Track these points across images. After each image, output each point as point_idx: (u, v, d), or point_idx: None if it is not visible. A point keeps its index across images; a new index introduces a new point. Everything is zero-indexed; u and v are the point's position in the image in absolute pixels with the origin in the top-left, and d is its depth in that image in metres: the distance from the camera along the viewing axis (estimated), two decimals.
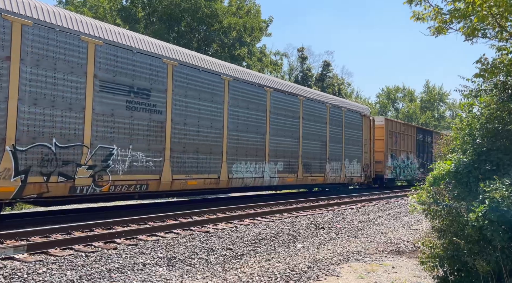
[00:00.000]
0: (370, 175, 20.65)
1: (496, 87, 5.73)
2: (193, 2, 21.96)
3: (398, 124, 24.20)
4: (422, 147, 26.45)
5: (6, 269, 5.36)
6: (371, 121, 21.04)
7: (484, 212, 4.42)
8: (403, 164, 24.14)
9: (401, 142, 23.87)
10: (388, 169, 22.39)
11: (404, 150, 24.14)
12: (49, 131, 8.33)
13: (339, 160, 18.18)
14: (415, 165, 25.39)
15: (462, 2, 5.51)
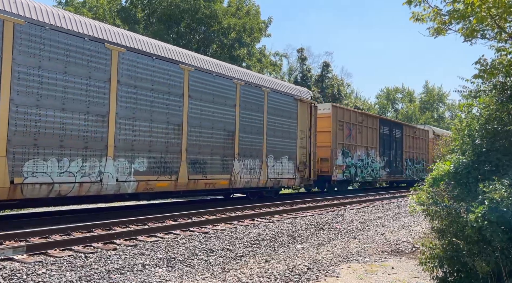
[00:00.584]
0: (310, 176, 16.07)
1: (495, 88, 5.73)
2: (192, 3, 21.98)
3: (353, 114, 19.99)
4: (388, 142, 22.85)
5: (6, 270, 5.36)
6: (311, 108, 16.27)
7: (484, 212, 4.42)
8: (361, 163, 20.03)
9: (358, 135, 19.83)
10: (338, 168, 18.19)
11: (362, 145, 20.20)
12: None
13: (258, 156, 13.69)
14: (379, 163, 21.63)
15: (461, 3, 5.52)
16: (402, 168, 24.05)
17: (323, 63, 39.57)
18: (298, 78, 38.28)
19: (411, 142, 25.82)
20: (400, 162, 24.13)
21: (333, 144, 18.05)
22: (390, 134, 23.11)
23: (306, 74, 37.81)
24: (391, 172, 23.07)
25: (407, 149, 25.12)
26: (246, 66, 24.90)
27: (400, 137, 24.36)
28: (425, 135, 27.97)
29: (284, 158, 14.90)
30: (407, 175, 24.46)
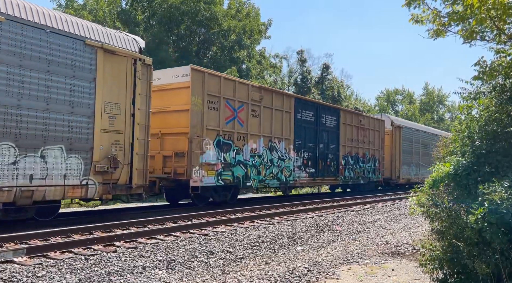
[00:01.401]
0: (130, 181, 9.80)
1: (495, 90, 5.74)
2: (192, 5, 22.02)
3: (242, 87, 13.42)
4: (312, 132, 16.67)
5: (6, 272, 5.35)
6: (135, 67, 9.91)
7: (483, 214, 4.43)
8: (258, 160, 13.91)
9: (253, 119, 13.69)
10: (206, 167, 11.96)
11: (260, 134, 13.94)
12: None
13: None
14: (293, 161, 15.46)
15: (460, 5, 5.53)
16: (337, 168, 18.35)
17: (323, 65, 39.56)
18: (298, 80, 38.30)
19: (355, 133, 19.73)
20: (335, 160, 18.16)
21: (194, 129, 11.64)
22: (316, 121, 16.85)
23: (306, 76, 37.81)
24: (316, 173, 16.81)
25: (346, 142, 18.97)
26: (246, 68, 24.93)
27: (335, 127, 18.20)
28: (379, 126, 22.01)
29: (55, 148, 8.43)
30: (345, 177, 18.93)
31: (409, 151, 25.14)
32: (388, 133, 23.49)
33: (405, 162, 24.65)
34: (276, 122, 14.82)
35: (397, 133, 23.94)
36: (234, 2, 25.85)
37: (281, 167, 14.95)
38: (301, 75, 38.28)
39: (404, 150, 24.51)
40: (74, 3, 23.68)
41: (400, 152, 23.96)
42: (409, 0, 5.95)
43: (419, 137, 26.58)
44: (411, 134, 25.55)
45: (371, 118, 21.77)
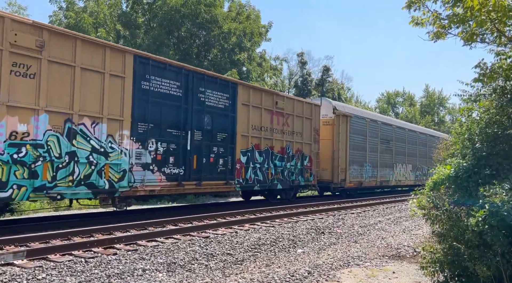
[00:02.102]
0: None
1: (495, 92, 5.75)
2: (193, 8, 22.05)
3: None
4: (179, 113, 11.12)
5: (6, 275, 5.35)
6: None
7: (484, 216, 4.42)
8: (34, 153, 7.99)
9: (20, 80, 7.80)
10: None
11: (40, 107, 8.08)
12: None
13: None
14: (129, 154, 9.80)
15: (460, 7, 5.54)
16: (231, 167, 12.56)
17: (323, 67, 39.65)
18: (298, 82, 38.36)
19: (267, 119, 14.06)
20: (228, 156, 12.47)
21: None
22: (186, 97, 11.21)
23: (306, 79, 37.87)
24: (185, 175, 11.12)
25: (250, 131, 13.31)
26: (246, 70, 24.97)
27: (228, 108, 12.54)
28: (312, 112, 16.45)
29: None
30: (246, 180, 13.14)
31: (361, 147, 19.78)
32: (328, 123, 17.93)
33: (356, 161, 19.18)
34: (87, 90, 8.91)
35: (342, 123, 18.15)
36: (234, 4, 25.90)
37: (98, 165, 9.09)
38: (302, 78, 38.34)
39: (354, 145, 19.08)
40: (74, 6, 23.74)
41: (347, 148, 18.36)
42: (409, 3, 5.96)
43: (377, 130, 21.29)
44: (364, 126, 20.11)
45: (296, 101, 15.81)
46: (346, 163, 18.36)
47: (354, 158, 19.10)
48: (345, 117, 18.56)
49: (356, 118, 19.57)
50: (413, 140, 25.89)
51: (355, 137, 19.34)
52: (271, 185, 14.25)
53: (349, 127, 18.69)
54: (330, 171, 17.92)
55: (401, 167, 24.07)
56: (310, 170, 16.25)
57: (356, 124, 19.44)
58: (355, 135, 19.32)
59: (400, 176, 23.96)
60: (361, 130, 19.83)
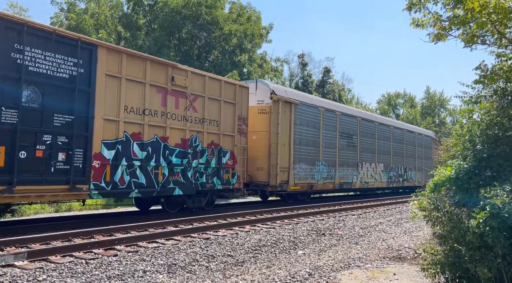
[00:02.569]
0: None
1: (496, 94, 5.75)
2: (194, 9, 22.09)
3: None
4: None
5: (6, 276, 5.35)
6: None
7: (485, 218, 4.42)
8: None
9: None
10: None
11: None
12: None
13: None
14: None
15: (461, 9, 5.55)
16: (82, 165, 8.80)
17: (324, 68, 39.69)
18: (299, 83, 38.38)
19: (157, 100, 10.50)
20: (80, 149, 8.78)
21: None
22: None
23: (307, 80, 37.90)
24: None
25: (121, 114, 9.62)
26: (247, 72, 24.99)
27: (81, 79, 8.86)
28: (237, 95, 12.91)
29: None
30: (112, 184, 9.35)
31: (313, 142, 16.15)
32: (265, 111, 14.33)
33: (304, 159, 15.55)
34: None
35: (283, 112, 14.48)
36: (235, 6, 25.94)
37: None
38: (302, 79, 38.38)
39: (302, 139, 15.55)
40: (76, 8, 23.79)
41: (291, 142, 14.87)
42: (410, 4, 5.97)
43: (335, 122, 17.67)
44: (317, 116, 16.47)
45: (210, 79, 11.88)
46: (290, 160, 14.81)
47: (302, 154, 15.46)
48: (287, 104, 14.87)
49: (304, 107, 15.82)
50: (385, 135, 22.16)
51: (304, 130, 15.69)
52: (162, 190, 10.43)
53: (294, 116, 15.07)
54: (265, 171, 14.11)
55: (368, 167, 20.29)
56: (232, 169, 12.53)
57: (305, 114, 15.82)
58: (304, 127, 15.71)
59: (368, 177, 20.23)
60: (313, 122, 16.24)
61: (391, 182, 22.63)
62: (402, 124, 26.66)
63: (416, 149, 26.02)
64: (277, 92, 14.66)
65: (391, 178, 22.65)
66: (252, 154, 13.95)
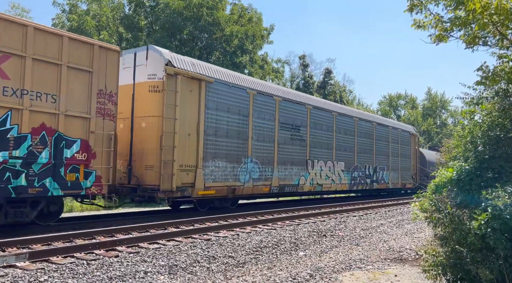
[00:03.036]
0: None
1: (498, 95, 5.74)
2: (195, 11, 22.12)
3: None
4: None
5: (8, 277, 5.36)
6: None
7: (487, 220, 4.41)
8: None
9: None
10: None
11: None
12: None
13: None
14: None
15: (462, 10, 5.54)
16: None
17: (325, 70, 39.71)
18: (300, 85, 38.39)
19: None
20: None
21: None
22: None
23: (308, 81, 37.91)
24: None
25: None
26: (248, 73, 25.01)
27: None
28: (91, 60, 9.21)
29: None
30: None
31: (237, 133, 12.70)
32: (156, 88, 10.80)
33: (222, 154, 12.15)
34: None
35: (183, 90, 11.06)
36: (236, 7, 25.97)
37: None
38: (303, 80, 38.39)
39: (218, 129, 12.11)
40: (77, 9, 23.84)
41: (200, 132, 11.47)
42: (411, 6, 5.96)
43: (273, 109, 14.17)
44: (244, 100, 13.02)
45: (36, 32, 8.31)
46: (198, 156, 11.37)
47: (219, 149, 12.06)
48: (194, 81, 11.36)
49: (223, 86, 12.27)
50: (347, 128, 18.49)
51: (223, 116, 12.24)
52: None
53: (206, 98, 11.66)
54: (156, 170, 10.51)
55: (323, 165, 16.58)
56: (85, 166, 8.95)
57: (225, 96, 12.36)
58: (223, 113, 12.25)
59: (322, 178, 16.42)
60: (237, 107, 12.73)
61: (356, 183, 18.82)
62: (372, 116, 22.84)
63: (390, 146, 22.34)
64: (176, 64, 10.91)
65: (356, 179, 18.76)
66: (142, 147, 10.70)
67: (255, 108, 13.47)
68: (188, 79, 11.19)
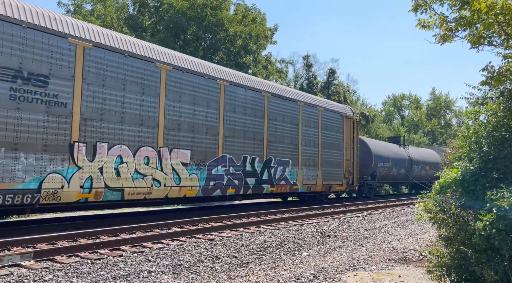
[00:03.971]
0: None
1: (503, 95, 5.71)
2: (199, 11, 22.15)
3: None
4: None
5: (13, 275, 5.39)
6: None
7: (492, 220, 4.39)
8: None
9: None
10: None
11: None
12: None
13: None
14: None
15: (467, 10, 5.52)
16: None
17: (329, 70, 39.60)
18: (304, 85, 38.35)
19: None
20: None
21: None
22: None
23: (312, 81, 37.85)
24: None
25: None
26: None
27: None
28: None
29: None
30: None
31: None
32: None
33: None
34: None
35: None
36: (240, 7, 25.98)
37: None
38: (307, 80, 38.33)
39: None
40: (82, 9, 23.96)
41: None
42: (415, 5, 5.95)
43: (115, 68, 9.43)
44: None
45: None
46: None
47: None
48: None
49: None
50: (210, 98, 11.87)
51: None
52: None
53: None
54: None
55: (129, 156, 9.68)
56: None
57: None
58: None
59: (121, 178, 9.44)
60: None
61: (216, 185, 11.84)
62: (260, 81, 14.36)
63: (301, 130, 15.41)
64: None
65: (215, 179, 11.83)
66: None
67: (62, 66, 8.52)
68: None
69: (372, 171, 21.69)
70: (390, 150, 24.21)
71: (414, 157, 26.74)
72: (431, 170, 26.73)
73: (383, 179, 23.30)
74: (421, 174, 26.80)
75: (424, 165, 27.64)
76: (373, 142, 23.49)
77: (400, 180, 25.67)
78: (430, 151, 31.40)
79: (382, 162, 22.56)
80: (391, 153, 23.91)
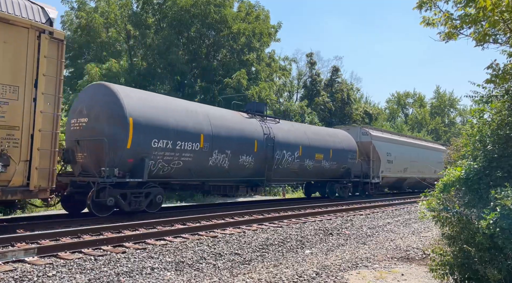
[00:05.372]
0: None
1: (508, 93, 5.67)
2: (202, 8, 22.12)
3: None
4: None
5: (17, 271, 5.42)
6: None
7: (495, 219, 4.37)
8: None
9: None
10: None
11: None
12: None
13: None
14: None
15: (473, 7, 5.48)
16: None
17: (333, 68, 39.52)
18: (307, 83, 38.27)
19: None
20: None
21: None
22: None
23: (315, 79, 37.76)
24: None
25: None
26: (255, 71, 24.97)
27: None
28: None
29: None
30: None
31: None
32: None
33: None
34: None
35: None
36: (244, 5, 25.92)
37: None
38: (311, 78, 38.24)
39: None
40: (86, 6, 23.97)
41: None
42: (420, 3, 5.91)
43: None
44: None
45: None
46: None
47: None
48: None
49: None
50: None
51: None
52: None
53: None
54: None
55: None
56: None
57: None
58: None
59: None
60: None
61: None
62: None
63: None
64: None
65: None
66: None
67: None
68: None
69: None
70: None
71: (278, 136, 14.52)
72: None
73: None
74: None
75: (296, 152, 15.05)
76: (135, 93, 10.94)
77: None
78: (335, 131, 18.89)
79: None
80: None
